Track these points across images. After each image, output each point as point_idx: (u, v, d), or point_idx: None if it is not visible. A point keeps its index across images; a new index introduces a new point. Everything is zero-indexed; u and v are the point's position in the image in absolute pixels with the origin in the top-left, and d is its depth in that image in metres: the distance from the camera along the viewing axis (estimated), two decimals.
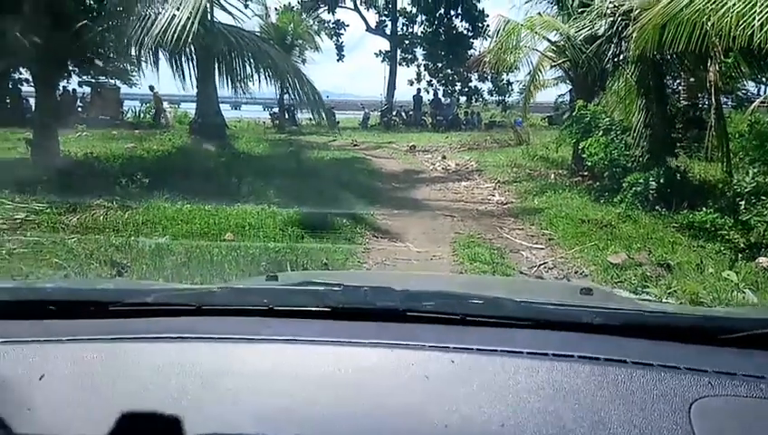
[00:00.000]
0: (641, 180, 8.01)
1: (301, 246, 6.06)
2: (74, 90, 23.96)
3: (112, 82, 24.48)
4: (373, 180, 10.97)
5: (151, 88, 20.66)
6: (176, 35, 8.89)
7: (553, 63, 11.91)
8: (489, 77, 27.65)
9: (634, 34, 7.69)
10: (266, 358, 1.03)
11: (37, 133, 9.66)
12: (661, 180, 7.97)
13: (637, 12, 8.19)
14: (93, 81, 24.38)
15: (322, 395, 0.94)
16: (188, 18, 8.34)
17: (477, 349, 1.03)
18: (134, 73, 23.49)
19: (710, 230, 7.03)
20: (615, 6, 9.44)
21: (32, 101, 19.99)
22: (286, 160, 11.90)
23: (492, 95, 28.09)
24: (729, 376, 0.97)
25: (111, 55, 15.82)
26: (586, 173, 10.96)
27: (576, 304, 1.33)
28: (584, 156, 9.10)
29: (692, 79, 8.52)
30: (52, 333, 1.10)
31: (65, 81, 23.03)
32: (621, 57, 9.75)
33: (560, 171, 11.90)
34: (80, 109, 23.25)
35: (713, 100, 7.25)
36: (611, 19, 8.87)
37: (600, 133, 9.01)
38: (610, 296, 2.32)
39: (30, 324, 1.15)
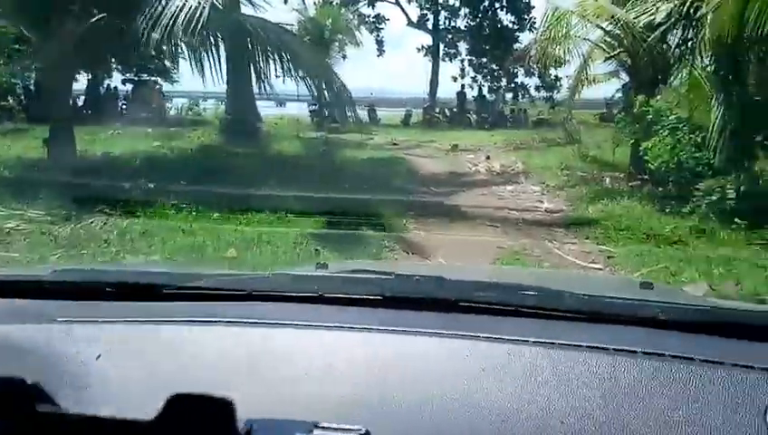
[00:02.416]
0: (718, 188, 6.79)
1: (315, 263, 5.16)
2: (116, 87, 23.93)
3: (154, 79, 24.45)
4: (409, 183, 10.00)
5: (155, 83, 20.70)
6: (185, 24, 8.19)
7: (608, 55, 10.66)
8: (536, 72, 26.25)
9: (709, 16, 6.48)
10: (318, 345, 0.99)
11: (53, 133, 9.11)
12: (742, 188, 6.74)
13: None
14: (136, 78, 24.39)
15: (374, 384, 0.90)
16: (198, 4, 7.57)
17: (534, 341, 0.96)
18: (174, 70, 23.50)
19: None
20: None
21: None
22: (316, 161, 11.06)
23: (539, 91, 26.64)
24: None
25: (142, 51, 15.46)
26: (646, 177, 9.72)
27: (638, 298, 1.22)
28: (646, 158, 7.90)
29: None
30: (109, 314, 1.12)
31: (106, 78, 23.26)
32: (689, 45, 8.51)
33: (615, 174, 10.66)
34: (123, 107, 23.09)
35: None
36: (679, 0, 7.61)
37: (666, 133, 7.79)
38: (673, 292, 2.11)
39: (90, 306, 1.18)
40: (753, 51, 7.03)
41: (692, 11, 7.52)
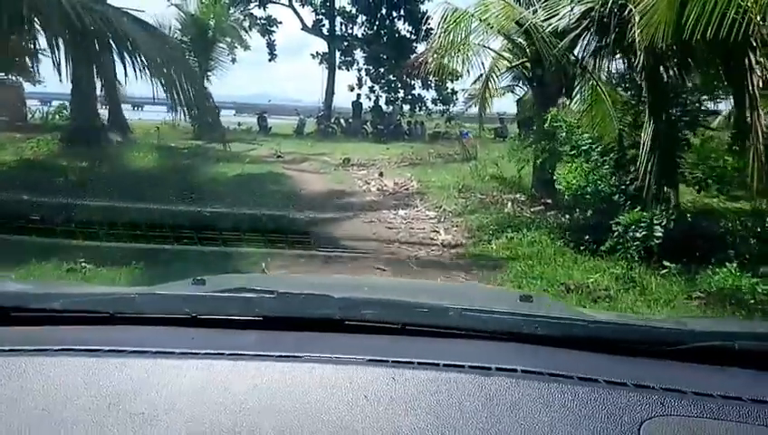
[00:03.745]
0: (642, 223, 5.56)
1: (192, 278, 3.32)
2: None
3: (13, 78, 21.03)
4: (284, 210, 8.15)
5: (14, 82, 17.60)
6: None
7: (510, 65, 9.45)
8: (433, 84, 25.36)
9: (636, 18, 5.24)
10: (187, 375, 0.89)
11: None
12: (670, 223, 5.55)
13: None
14: None
15: (250, 418, 0.82)
16: None
17: (419, 362, 0.94)
18: (34, 69, 20.23)
19: (751, 304, 4.65)
20: None
21: None
22: (172, 178, 8.96)
23: (436, 104, 25.75)
24: (678, 393, 0.90)
25: None
26: (549, 201, 8.55)
27: (518, 312, 1.23)
28: (560, 186, 6.60)
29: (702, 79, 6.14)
30: None
31: None
32: (602, 53, 7.38)
33: (517, 196, 9.45)
34: None
35: (756, 110, 4.86)
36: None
37: (581, 156, 6.54)
38: (550, 304, 2.13)
39: None
40: (685, 61, 5.90)
41: (613, 14, 6.28)
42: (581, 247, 6.04)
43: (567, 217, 7.29)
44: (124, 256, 4.86)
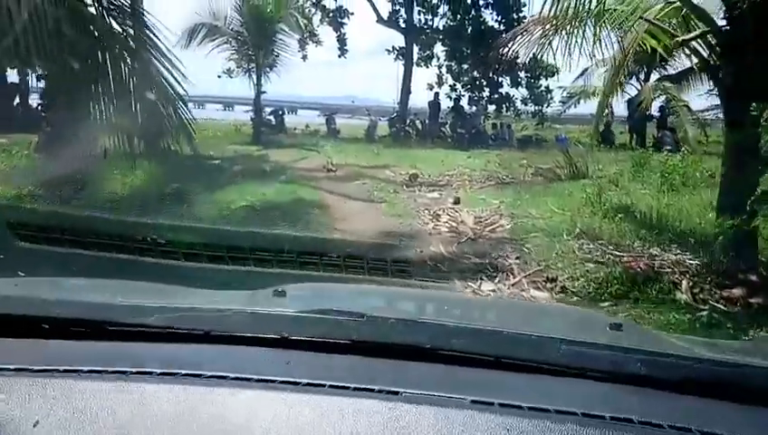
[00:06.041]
0: None
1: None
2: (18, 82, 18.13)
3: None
4: (285, 276, 4.65)
5: None
6: None
7: (682, 38, 5.40)
8: (523, 82, 21.24)
9: None
10: (293, 408, 0.82)
11: None
12: None
13: None
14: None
15: None
16: None
17: (528, 408, 0.82)
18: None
19: None
20: None
21: None
22: (141, 214, 5.67)
23: (526, 104, 21.60)
24: None
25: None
26: (754, 278, 4.53)
27: (618, 345, 1.05)
28: None
29: None
30: (45, 359, 0.88)
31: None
32: None
33: (678, 255, 5.48)
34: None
35: None
36: None
37: None
38: (643, 334, 1.80)
39: (14, 347, 0.93)
40: None
41: None
42: None
43: None
44: None
